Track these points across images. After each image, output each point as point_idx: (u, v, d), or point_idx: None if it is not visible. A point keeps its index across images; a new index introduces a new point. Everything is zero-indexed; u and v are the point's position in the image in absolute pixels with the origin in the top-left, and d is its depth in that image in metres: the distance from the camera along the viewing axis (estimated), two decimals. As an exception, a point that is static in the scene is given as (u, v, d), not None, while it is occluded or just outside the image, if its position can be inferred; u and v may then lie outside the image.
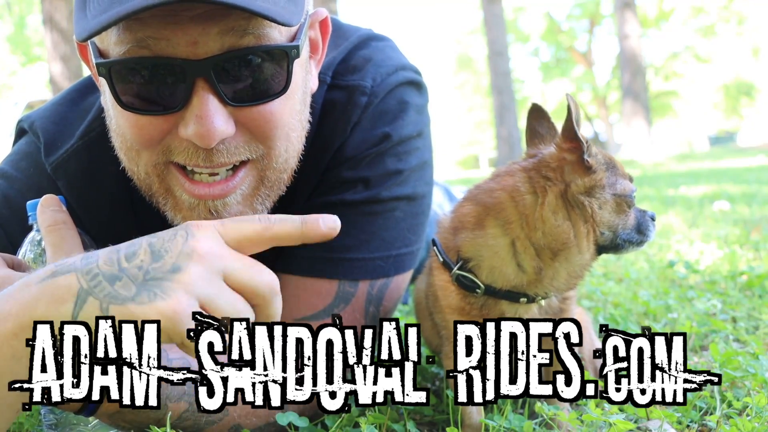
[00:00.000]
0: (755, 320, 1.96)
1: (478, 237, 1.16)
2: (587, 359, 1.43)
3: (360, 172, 1.34)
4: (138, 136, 1.10)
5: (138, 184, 1.20)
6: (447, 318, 1.23)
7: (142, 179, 1.17)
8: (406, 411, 1.31)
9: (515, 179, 1.16)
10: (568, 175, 1.13)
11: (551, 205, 1.12)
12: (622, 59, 20.74)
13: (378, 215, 1.37)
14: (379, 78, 1.37)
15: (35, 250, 1.10)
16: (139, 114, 1.07)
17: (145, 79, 1.04)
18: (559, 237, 1.12)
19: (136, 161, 1.15)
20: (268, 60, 1.07)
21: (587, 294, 2.44)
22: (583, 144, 1.12)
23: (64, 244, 1.04)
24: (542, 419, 1.20)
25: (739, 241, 3.43)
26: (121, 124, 1.12)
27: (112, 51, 1.04)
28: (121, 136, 1.15)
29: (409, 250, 1.44)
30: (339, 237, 1.34)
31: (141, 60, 1.03)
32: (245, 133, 1.11)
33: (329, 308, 1.33)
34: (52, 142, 1.33)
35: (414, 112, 1.42)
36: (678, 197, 6.81)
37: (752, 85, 37.32)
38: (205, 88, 1.03)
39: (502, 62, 18.00)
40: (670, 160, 18.91)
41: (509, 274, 1.15)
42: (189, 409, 1.06)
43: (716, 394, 1.32)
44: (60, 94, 1.45)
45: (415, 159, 1.42)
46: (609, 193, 1.15)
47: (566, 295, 1.24)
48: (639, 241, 1.18)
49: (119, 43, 1.02)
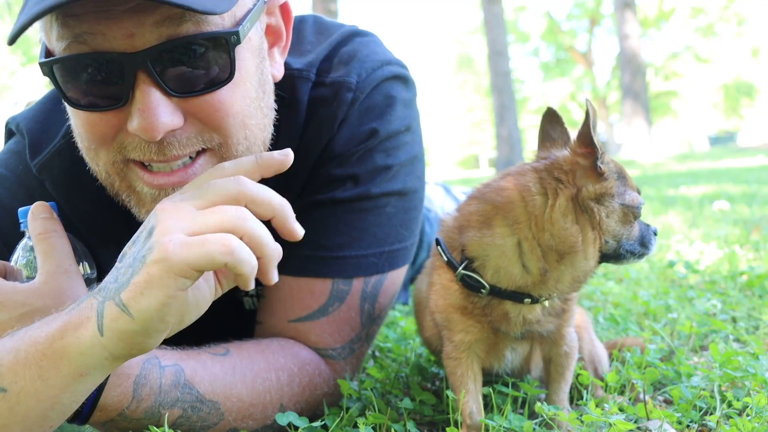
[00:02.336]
0: (755, 320, 1.96)
1: (485, 236, 1.16)
2: (587, 360, 1.43)
3: (349, 169, 1.33)
4: (90, 133, 1.08)
5: (103, 184, 1.18)
6: (449, 317, 1.23)
7: (104, 178, 1.15)
8: (406, 411, 1.31)
9: (526, 179, 1.16)
10: (580, 179, 1.14)
11: (562, 208, 1.12)
12: (622, 59, 20.74)
13: (369, 212, 1.37)
14: (364, 74, 1.36)
15: (27, 256, 1.10)
16: (86, 111, 1.05)
17: (88, 75, 1.01)
18: (567, 240, 1.12)
19: (96, 161, 1.13)
20: (209, 47, 1.02)
21: (587, 294, 2.44)
22: (597, 150, 1.12)
23: (54, 253, 1.04)
24: (542, 419, 1.20)
25: (739, 241, 3.43)
26: (75, 123, 1.11)
27: (56, 49, 1.02)
28: (78, 135, 1.13)
29: (402, 246, 1.43)
30: (331, 235, 1.34)
31: (78, 57, 0.99)
32: (196, 124, 1.07)
33: (324, 308, 1.33)
34: (36, 142, 1.32)
35: (401, 107, 1.41)
36: (678, 197, 6.81)
37: (752, 85, 37.30)
38: (146, 81, 0.99)
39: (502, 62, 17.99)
40: (670, 160, 18.90)
41: (515, 274, 1.14)
42: (183, 415, 1.06)
43: (716, 394, 1.32)
44: (45, 94, 1.44)
45: (404, 154, 1.42)
46: (617, 203, 1.15)
47: (568, 296, 1.24)
48: (641, 254, 1.19)
49: (59, 39, 0.99)
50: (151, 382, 1.06)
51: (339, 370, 1.36)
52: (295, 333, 1.33)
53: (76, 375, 0.88)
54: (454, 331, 1.23)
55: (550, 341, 1.26)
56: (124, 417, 1.01)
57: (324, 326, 1.33)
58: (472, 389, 1.22)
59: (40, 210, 1.09)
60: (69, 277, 1.03)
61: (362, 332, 1.38)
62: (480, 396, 1.23)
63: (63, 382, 0.88)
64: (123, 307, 0.85)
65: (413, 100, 1.48)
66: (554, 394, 1.28)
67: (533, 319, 1.19)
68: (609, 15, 32.98)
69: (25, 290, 1.00)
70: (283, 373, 1.23)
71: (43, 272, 1.02)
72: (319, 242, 1.34)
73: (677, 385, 1.36)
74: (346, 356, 1.36)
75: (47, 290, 1.00)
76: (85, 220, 1.33)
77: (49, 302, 0.99)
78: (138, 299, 0.85)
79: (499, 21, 18.09)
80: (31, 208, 1.09)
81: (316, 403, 1.30)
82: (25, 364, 0.88)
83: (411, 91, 1.47)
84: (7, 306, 0.98)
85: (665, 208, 5.59)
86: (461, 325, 1.22)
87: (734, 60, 34.82)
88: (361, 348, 1.40)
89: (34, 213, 1.08)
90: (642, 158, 18.60)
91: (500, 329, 1.21)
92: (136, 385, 1.04)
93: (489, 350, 1.25)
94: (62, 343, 0.88)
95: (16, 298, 0.99)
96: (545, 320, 1.21)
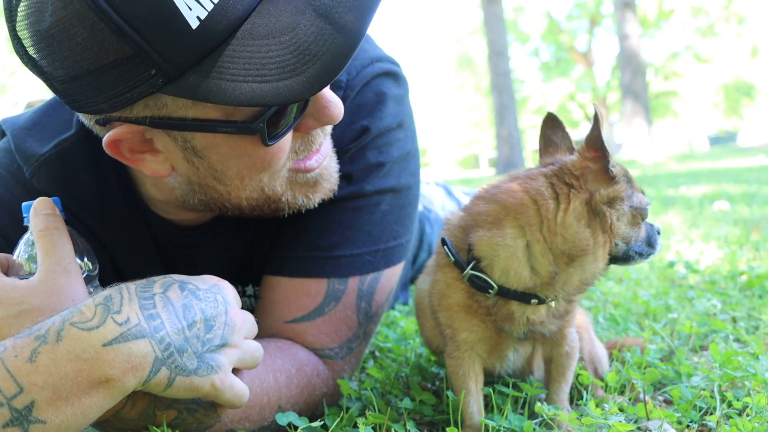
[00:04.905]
0: (755, 320, 1.96)
1: (496, 236, 1.15)
2: (587, 360, 1.43)
3: (341, 167, 1.33)
4: (280, 157, 1.13)
5: (252, 206, 1.22)
6: (452, 316, 1.23)
7: (271, 194, 1.20)
8: (406, 411, 1.31)
9: (537, 183, 1.15)
10: (591, 183, 1.14)
11: (576, 212, 1.12)
12: (622, 59, 20.74)
13: (363, 210, 1.37)
14: (354, 71, 1.36)
15: (29, 251, 1.10)
16: (283, 138, 1.09)
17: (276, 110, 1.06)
18: (579, 244, 1.12)
19: (272, 185, 1.18)
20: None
21: (587, 294, 2.44)
22: (608, 154, 1.12)
23: (54, 250, 1.04)
24: (542, 419, 1.20)
25: (739, 241, 3.43)
26: (258, 160, 1.12)
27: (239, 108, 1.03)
28: (251, 172, 1.14)
29: (397, 243, 1.43)
30: (325, 235, 1.34)
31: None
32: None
33: (320, 308, 1.33)
34: (20, 150, 1.30)
35: (393, 103, 1.41)
36: (678, 197, 6.80)
37: (752, 85, 37.31)
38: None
39: (502, 62, 18.01)
40: (670, 160, 18.90)
41: (524, 275, 1.14)
42: (179, 417, 1.06)
43: (716, 394, 1.32)
44: (43, 104, 1.41)
45: (397, 150, 1.41)
46: (627, 205, 1.15)
47: (573, 298, 1.24)
48: (648, 254, 1.20)
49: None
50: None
51: (337, 369, 1.35)
52: (292, 334, 1.33)
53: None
54: (457, 330, 1.23)
55: (551, 341, 1.26)
56: (119, 418, 1.01)
57: (320, 326, 1.33)
58: (474, 389, 1.22)
59: (43, 206, 1.09)
60: (68, 275, 1.02)
61: (360, 331, 1.38)
62: (481, 396, 1.23)
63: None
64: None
65: (405, 96, 1.47)
66: (554, 394, 1.28)
67: (537, 319, 1.19)
68: (609, 15, 32.99)
69: (23, 288, 1.00)
70: (281, 374, 1.22)
71: (42, 270, 1.02)
72: (314, 242, 1.33)
73: (677, 385, 1.36)
74: (344, 356, 1.36)
75: (45, 288, 1.00)
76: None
77: (46, 301, 0.99)
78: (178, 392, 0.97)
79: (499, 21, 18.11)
80: (33, 204, 1.09)
81: (314, 403, 1.30)
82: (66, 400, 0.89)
83: (402, 87, 1.46)
84: (5, 303, 0.98)
85: (665, 208, 5.59)
86: (465, 324, 1.22)
87: (734, 60, 34.83)
88: (359, 347, 1.39)
89: (36, 209, 1.08)
90: (642, 158, 18.61)
91: (504, 329, 1.20)
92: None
93: (491, 350, 1.25)
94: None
95: (14, 295, 0.98)
96: (549, 321, 1.21)
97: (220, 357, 1.00)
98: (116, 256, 1.35)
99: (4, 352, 0.87)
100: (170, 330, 0.94)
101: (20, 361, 0.86)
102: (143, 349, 0.91)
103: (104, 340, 0.89)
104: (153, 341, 0.92)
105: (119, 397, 0.92)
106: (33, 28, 0.96)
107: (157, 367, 0.92)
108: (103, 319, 0.91)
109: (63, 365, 0.87)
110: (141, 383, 0.92)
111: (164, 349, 0.93)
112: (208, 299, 1.01)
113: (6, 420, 0.84)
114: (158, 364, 0.92)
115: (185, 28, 0.92)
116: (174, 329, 0.95)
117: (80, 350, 0.88)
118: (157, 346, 0.92)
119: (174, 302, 0.98)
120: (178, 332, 0.95)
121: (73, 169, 1.27)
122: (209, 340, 0.98)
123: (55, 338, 0.88)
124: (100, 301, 0.93)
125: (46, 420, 0.86)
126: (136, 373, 0.90)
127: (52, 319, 0.92)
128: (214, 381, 0.98)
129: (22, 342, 0.88)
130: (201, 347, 0.97)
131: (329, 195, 1.30)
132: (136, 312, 0.93)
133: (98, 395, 0.89)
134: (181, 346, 0.95)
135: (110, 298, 0.94)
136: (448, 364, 1.25)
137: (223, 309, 1.02)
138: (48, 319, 0.92)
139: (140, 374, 0.91)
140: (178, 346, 0.94)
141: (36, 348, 0.88)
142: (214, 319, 1.00)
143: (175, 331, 0.95)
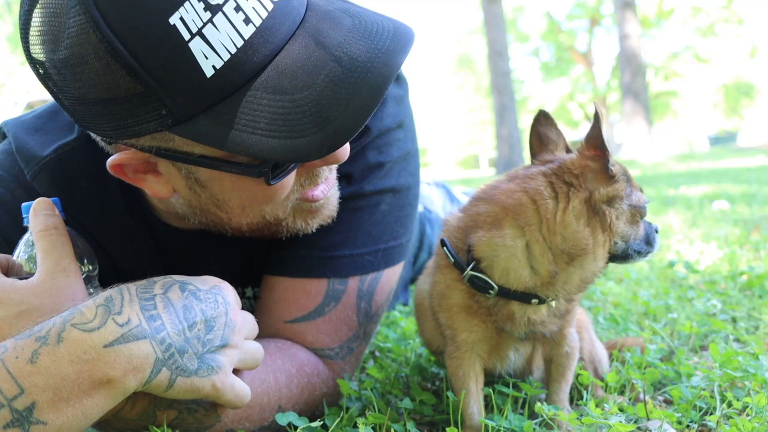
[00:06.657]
0: (755, 320, 1.96)
1: (495, 237, 1.15)
2: (587, 360, 1.43)
3: (342, 167, 1.33)
4: (283, 191, 1.13)
5: (254, 228, 1.23)
6: (452, 317, 1.23)
7: (272, 220, 1.20)
8: (406, 411, 1.31)
9: (536, 182, 1.15)
10: (591, 182, 1.14)
11: (576, 211, 1.12)
12: (622, 59, 20.73)
13: (363, 210, 1.37)
14: None
15: (29, 252, 1.10)
16: (288, 175, 1.09)
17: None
18: (579, 243, 1.12)
19: (274, 213, 1.18)
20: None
21: (587, 294, 2.44)
22: (608, 152, 1.12)
23: (54, 251, 1.04)
24: (542, 419, 1.20)
25: (739, 241, 3.43)
26: (261, 195, 1.12)
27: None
28: (254, 203, 1.15)
29: (397, 243, 1.43)
30: (325, 235, 1.34)
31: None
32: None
33: (320, 308, 1.33)
34: (21, 153, 1.30)
35: (393, 104, 1.41)
36: (678, 197, 6.80)
37: (752, 85, 37.30)
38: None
39: (502, 62, 18.00)
40: (670, 160, 18.90)
41: (524, 276, 1.14)
42: (179, 417, 1.06)
43: (716, 394, 1.32)
44: (43, 108, 1.41)
45: (397, 150, 1.41)
46: (626, 204, 1.15)
47: (573, 297, 1.24)
48: (647, 252, 1.20)
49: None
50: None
51: (338, 369, 1.35)
52: (292, 334, 1.33)
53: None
54: (457, 331, 1.23)
55: (552, 341, 1.26)
56: (119, 418, 1.01)
57: (321, 326, 1.33)
58: (474, 390, 1.22)
59: (42, 206, 1.09)
60: (67, 275, 1.03)
61: (360, 331, 1.38)
62: (481, 396, 1.23)
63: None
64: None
65: (405, 96, 1.47)
66: (554, 394, 1.28)
67: (538, 319, 1.19)
68: (609, 15, 32.99)
69: (23, 288, 1.00)
70: (281, 374, 1.23)
71: (41, 270, 1.02)
72: (314, 242, 1.34)
73: (677, 385, 1.36)
74: (344, 356, 1.36)
75: (44, 289, 1.00)
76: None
77: (46, 301, 0.99)
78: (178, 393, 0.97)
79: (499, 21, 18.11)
80: (33, 204, 1.09)
81: (315, 403, 1.30)
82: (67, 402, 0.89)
83: (402, 87, 1.47)
84: (4, 303, 0.98)
85: (665, 208, 5.59)
86: (465, 324, 1.22)
87: (734, 60, 34.83)
88: (359, 347, 1.40)
89: (35, 209, 1.08)
90: (642, 158, 18.60)
91: (505, 329, 1.20)
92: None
93: (492, 351, 1.25)
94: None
95: (13, 295, 0.99)
96: (549, 321, 1.21)
97: (221, 358, 1.00)
98: (116, 258, 1.36)
99: (5, 354, 0.87)
100: (171, 331, 0.95)
101: (21, 363, 0.87)
102: (144, 350, 0.91)
103: (105, 341, 0.89)
104: (154, 342, 0.92)
105: (120, 398, 0.92)
106: (47, 56, 0.95)
107: (158, 368, 0.92)
108: (104, 321, 0.91)
109: (64, 366, 0.87)
110: (142, 384, 0.92)
111: (165, 350, 0.93)
112: (209, 300, 1.02)
113: (7, 421, 0.84)
114: (159, 365, 0.92)
115: (200, 76, 0.91)
116: (175, 330, 0.95)
117: (81, 351, 0.88)
118: (158, 347, 0.93)
119: (175, 303, 0.98)
120: (179, 333, 0.95)
121: (73, 173, 1.28)
122: (210, 341, 0.98)
123: (56, 339, 0.88)
124: (100, 302, 0.93)
125: (47, 421, 0.86)
126: (137, 374, 0.91)
127: (53, 320, 0.92)
128: (215, 382, 0.98)
129: (22, 343, 0.88)
130: (202, 348, 0.97)
131: (327, 221, 1.31)
132: (137, 313, 0.93)
133: (99, 396, 0.89)
134: (181, 347, 0.95)
135: (111, 299, 0.94)
136: (449, 365, 1.25)
137: (223, 310, 1.02)
138: (48, 320, 0.92)
139: (141, 375, 0.91)
140: (178, 346, 0.95)
141: (37, 349, 0.88)
142: (215, 320, 1.00)
143: (175, 332, 0.95)
